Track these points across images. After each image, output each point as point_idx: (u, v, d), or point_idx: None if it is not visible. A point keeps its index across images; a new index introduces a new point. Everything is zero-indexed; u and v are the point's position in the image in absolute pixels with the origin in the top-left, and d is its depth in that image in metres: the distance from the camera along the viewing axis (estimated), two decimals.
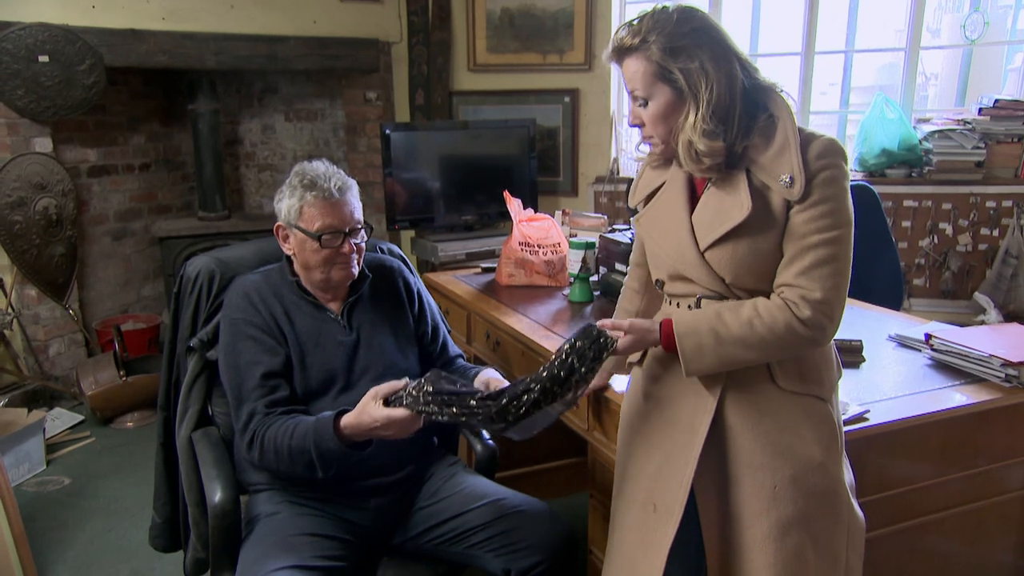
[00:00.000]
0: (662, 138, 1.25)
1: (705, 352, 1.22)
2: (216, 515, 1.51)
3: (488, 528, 1.55)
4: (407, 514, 1.65)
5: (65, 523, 2.57)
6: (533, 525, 1.55)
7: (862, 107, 3.94)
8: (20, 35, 3.19)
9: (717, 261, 1.24)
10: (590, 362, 1.24)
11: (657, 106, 1.22)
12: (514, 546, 1.52)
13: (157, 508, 1.88)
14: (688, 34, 1.19)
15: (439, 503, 1.63)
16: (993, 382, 1.56)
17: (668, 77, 1.19)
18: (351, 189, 1.65)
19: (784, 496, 1.22)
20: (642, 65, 1.21)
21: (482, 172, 3.78)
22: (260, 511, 1.58)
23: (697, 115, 1.18)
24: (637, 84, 1.23)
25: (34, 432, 2.91)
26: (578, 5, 4.01)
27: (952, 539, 1.57)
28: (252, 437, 1.52)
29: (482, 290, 2.42)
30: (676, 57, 1.18)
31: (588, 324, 1.26)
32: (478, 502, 1.60)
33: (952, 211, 3.63)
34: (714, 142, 1.19)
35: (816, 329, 1.19)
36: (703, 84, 1.18)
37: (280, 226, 1.65)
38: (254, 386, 1.54)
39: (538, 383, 1.25)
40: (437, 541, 1.60)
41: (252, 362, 1.56)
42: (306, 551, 1.46)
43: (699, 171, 1.25)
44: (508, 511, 1.57)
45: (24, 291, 3.45)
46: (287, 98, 4.50)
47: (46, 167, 3.41)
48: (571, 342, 1.25)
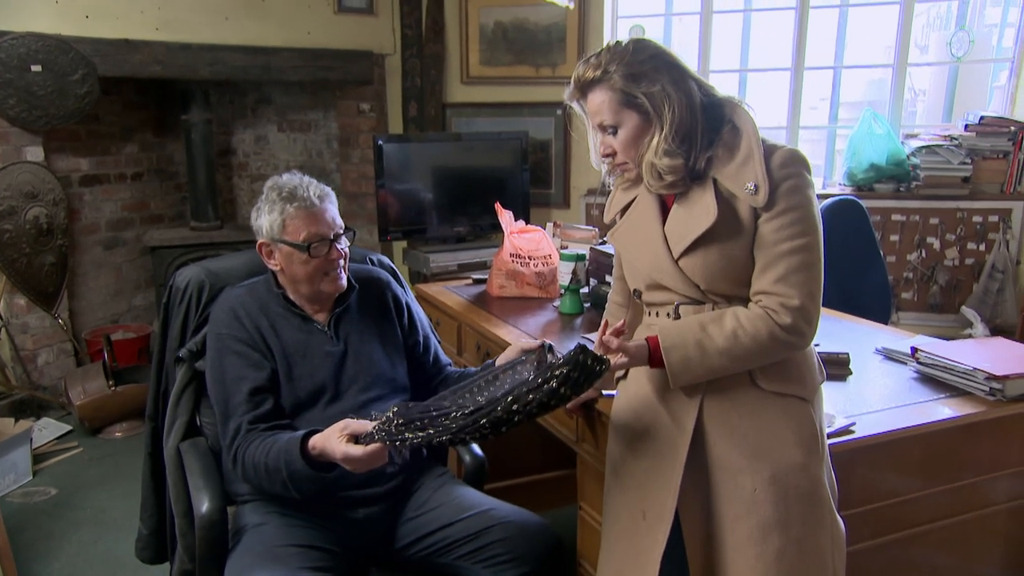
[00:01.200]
0: (635, 162, 1.30)
1: (691, 365, 1.24)
2: (203, 525, 1.50)
3: (476, 539, 1.55)
4: (395, 525, 1.64)
5: (51, 534, 2.54)
6: (521, 536, 1.54)
7: (851, 122, 3.98)
8: (13, 44, 3.20)
9: (691, 268, 1.28)
10: (582, 389, 1.23)
11: (627, 131, 1.28)
12: (501, 557, 1.51)
13: (144, 519, 1.87)
14: (646, 60, 1.26)
15: (427, 514, 1.62)
16: (978, 395, 1.57)
17: (633, 102, 1.26)
18: (329, 196, 1.65)
19: (764, 498, 1.23)
20: (607, 95, 1.27)
21: (474, 184, 3.80)
22: (247, 522, 1.57)
23: (661, 135, 1.24)
24: (605, 114, 1.29)
25: (21, 442, 2.89)
26: (570, 20, 4.05)
27: (938, 552, 1.58)
28: (235, 454, 1.52)
29: (473, 301, 2.42)
30: (638, 82, 1.25)
31: (579, 348, 1.20)
32: (466, 513, 1.59)
33: (939, 226, 3.67)
34: (674, 160, 1.25)
35: (796, 334, 1.23)
36: (666, 105, 1.24)
37: (263, 243, 1.63)
38: (239, 402, 1.54)
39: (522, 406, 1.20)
40: (425, 552, 1.60)
41: (238, 377, 1.56)
42: (294, 562, 1.45)
43: (662, 188, 1.30)
44: (496, 522, 1.56)
45: (13, 300, 3.43)
46: (280, 109, 4.51)
47: (37, 176, 3.41)
48: (564, 373, 1.18)
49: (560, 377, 1.18)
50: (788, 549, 1.22)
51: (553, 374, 1.19)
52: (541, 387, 1.19)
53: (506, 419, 1.22)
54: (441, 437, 1.27)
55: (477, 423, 1.23)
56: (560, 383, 1.18)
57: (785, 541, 1.22)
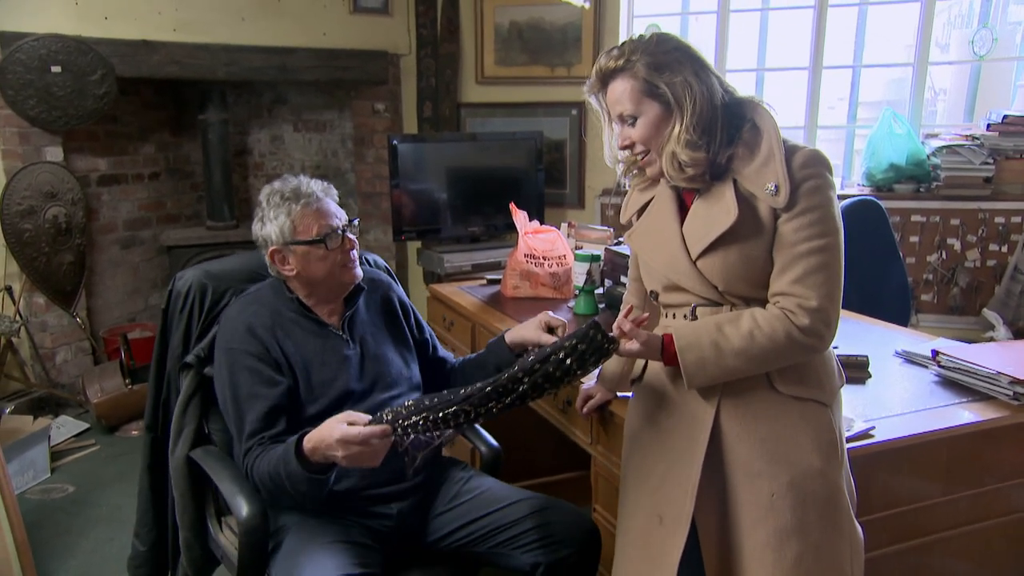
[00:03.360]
0: (657, 152, 1.29)
1: (707, 365, 1.23)
2: (246, 531, 1.44)
3: (513, 527, 1.57)
4: (427, 519, 1.64)
5: (68, 531, 2.57)
6: (558, 521, 1.57)
7: (870, 122, 3.93)
8: (33, 46, 3.23)
9: (709, 269, 1.26)
10: (588, 365, 1.23)
11: (647, 121, 1.27)
12: (540, 542, 1.54)
13: (140, 535, 1.81)
14: (669, 52, 1.25)
15: (460, 507, 1.63)
16: (1001, 400, 1.55)
17: (655, 92, 1.25)
18: (330, 189, 1.65)
19: (782, 504, 1.21)
20: (629, 83, 1.26)
21: (489, 184, 3.79)
22: (285, 521, 1.54)
23: (681, 126, 1.23)
24: (625, 103, 1.27)
25: (39, 440, 2.91)
26: (586, 19, 4.03)
27: (958, 559, 1.55)
28: (247, 471, 1.49)
29: (487, 302, 2.41)
30: (661, 72, 1.24)
31: (592, 323, 1.23)
32: (500, 504, 1.61)
33: (960, 227, 3.61)
34: (696, 153, 1.24)
35: (815, 336, 1.21)
36: (687, 97, 1.23)
37: (275, 250, 1.59)
38: (253, 420, 1.50)
39: (528, 376, 1.22)
40: (461, 542, 1.60)
41: (251, 395, 1.52)
42: (344, 558, 1.42)
43: (683, 180, 1.28)
44: (533, 510, 1.59)
45: (32, 299, 3.46)
46: (296, 109, 4.53)
47: (56, 176, 3.44)
48: (572, 344, 1.22)
49: (568, 348, 1.22)
50: (806, 555, 1.21)
51: (562, 345, 1.23)
52: (548, 358, 1.23)
53: (511, 389, 1.23)
54: (445, 409, 1.25)
55: (482, 391, 1.24)
56: (567, 354, 1.21)
57: (803, 547, 1.21)
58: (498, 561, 1.59)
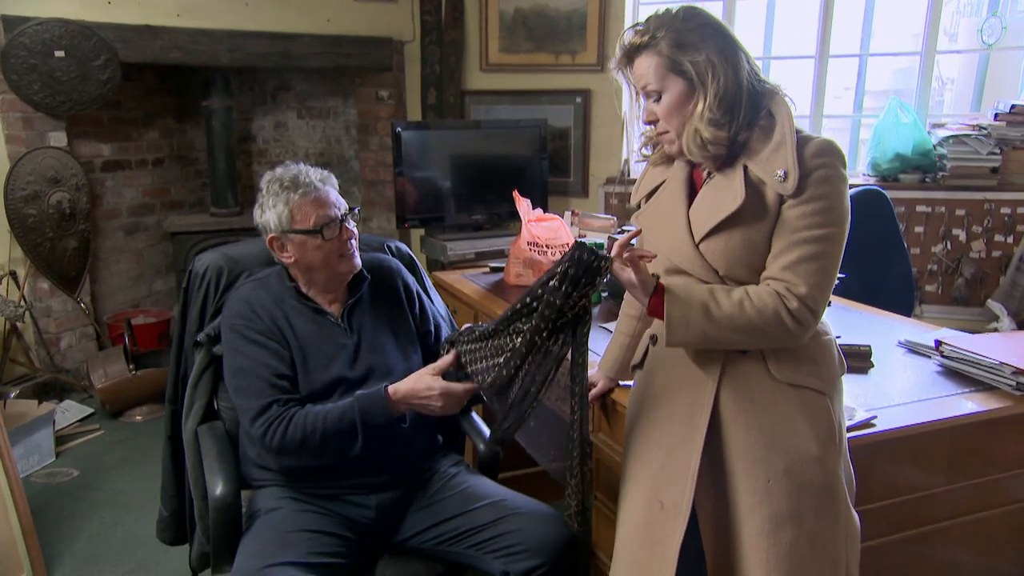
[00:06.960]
0: (677, 131, 1.28)
1: (691, 324, 1.22)
2: (217, 508, 1.52)
3: (487, 529, 1.54)
4: (407, 512, 1.65)
5: (73, 515, 2.59)
6: (533, 527, 1.53)
7: (876, 111, 3.91)
8: (37, 30, 3.22)
9: (711, 252, 1.26)
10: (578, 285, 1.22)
11: (671, 97, 1.26)
12: (513, 548, 1.51)
13: (164, 501, 1.89)
14: (694, 29, 1.24)
15: (440, 502, 1.63)
16: (1004, 390, 1.54)
17: (679, 69, 1.24)
18: (329, 178, 1.65)
19: (777, 490, 1.21)
20: (653, 60, 1.26)
21: (493, 172, 3.78)
22: (261, 506, 1.58)
23: (705, 104, 1.23)
24: (650, 79, 1.27)
25: (44, 424, 2.93)
26: (591, 6, 4.01)
27: (960, 548, 1.56)
28: (269, 427, 1.49)
29: (490, 289, 2.42)
30: (685, 50, 1.23)
31: (577, 243, 1.23)
32: (478, 502, 1.59)
33: (966, 217, 3.59)
34: (719, 131, 1.23)
35: (797, 322, 1.20)
36: (710, 74, 1.22)
37: (274, 237, 1.61)
38: (266, 383, 1.53)
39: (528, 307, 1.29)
40: (437, 540, 1.60)
41: (260, 363, 1.55)
42: (304, 547, 1.46)
43: (703, 158, 1.28)
44: (508, 512, 1.56)
45: (37, 284, 3.48)
46: (300, 96, 4.51)
47: (60, 161, 3.44)
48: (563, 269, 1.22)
49: (559, 275, 1.22)
50: (801, 542, 1.21)
51: (553, 272, 1.23)
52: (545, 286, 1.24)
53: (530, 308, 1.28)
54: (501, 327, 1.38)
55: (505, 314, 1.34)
56: (560, 280, 1.22)
57: (798, 534, 1.21)
58: (472, 563, 1.57)
